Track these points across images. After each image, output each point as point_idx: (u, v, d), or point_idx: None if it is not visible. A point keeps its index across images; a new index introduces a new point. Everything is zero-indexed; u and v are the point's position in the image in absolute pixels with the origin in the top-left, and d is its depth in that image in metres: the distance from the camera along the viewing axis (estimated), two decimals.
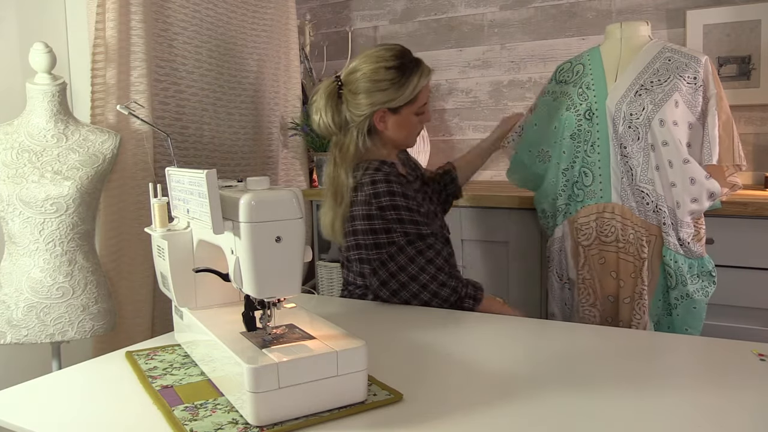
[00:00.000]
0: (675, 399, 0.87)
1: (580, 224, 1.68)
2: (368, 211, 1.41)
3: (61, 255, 1.57)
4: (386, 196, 1.41)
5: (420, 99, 1.52)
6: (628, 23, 1.73)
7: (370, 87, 1.47)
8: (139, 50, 1.94)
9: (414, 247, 1.40)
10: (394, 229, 1.40)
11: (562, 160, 1.71)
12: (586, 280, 1.68)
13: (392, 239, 1.40)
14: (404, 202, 1.41)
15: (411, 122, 1.53)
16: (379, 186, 1.42)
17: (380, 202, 1.40)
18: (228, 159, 2.40)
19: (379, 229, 1.40)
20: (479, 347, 1.11)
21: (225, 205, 0.88)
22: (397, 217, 1.40)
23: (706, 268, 1.63)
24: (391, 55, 1.50)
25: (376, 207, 1.40)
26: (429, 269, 1.40)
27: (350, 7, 3.11)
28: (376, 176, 1.43)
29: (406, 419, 0.83)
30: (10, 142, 1.56)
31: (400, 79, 1.48)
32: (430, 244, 1.42)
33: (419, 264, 1.39)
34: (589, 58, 1.75)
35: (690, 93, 1.61)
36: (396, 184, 1.43)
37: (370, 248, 1.42)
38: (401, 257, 1.39)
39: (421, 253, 1.40)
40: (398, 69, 1.48)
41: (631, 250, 1.63)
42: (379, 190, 1.41)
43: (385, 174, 1.44)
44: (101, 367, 1.05)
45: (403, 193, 1.42)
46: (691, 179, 1.58)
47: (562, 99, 1.74)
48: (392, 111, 1.50)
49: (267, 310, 0.92)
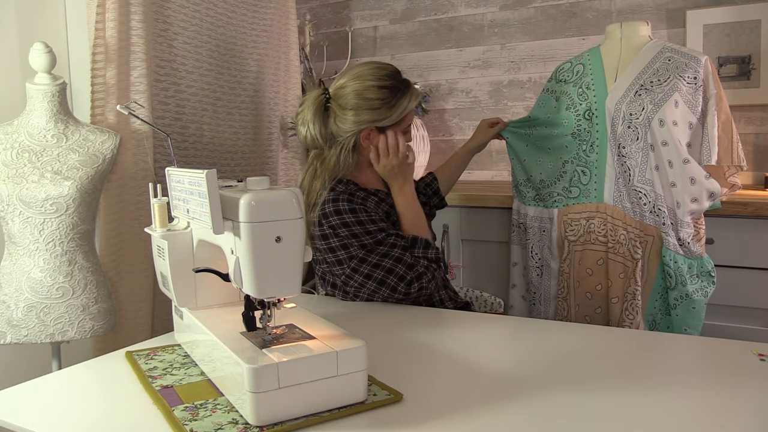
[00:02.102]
0: (675, 399, 0.87)
1: (569, 219, 1.69)
2: (322, 231, 1.44)
3: (61, 255, 1.57)
4: (333, 216, 1.42)
5: (406, 120, 1.53)
6: (628, 23, 1.73)
7: (360, 104, 1.47)
8: (139, 50, 1.94)
9: (375, 254, 1.41)
10: (351, 245, 1.41)
11: (564, 153, 1.72)
12: (564, 273, 1.69)
13: (351, 254, 1.41)
14: (352, 218, 1.42)
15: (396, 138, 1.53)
16: (326, 207, 1.43)
17: (330, 222, 1.42)
18: (228, 159, 2.40)
19: (336, 246, 1.42)
20: (479, 347, 1.11)
21: (225, 205, 0.88)
22: (349, 233, 1.41)
23: (706, 269, 1.63)
24: (384, 74, 1.50)
25: (328, 227, 1.43)
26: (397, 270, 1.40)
27: (350, 7, 3.11)
28: (328, 196, 1.45)
29: (406, 419, 0.83)
30: (10, 142, 1.56)
31: (390, 100, 1.49)
32: (392, 243, 1.43)
33: (385, 266, 1.40)
34: (589, 58, 1.75)
35: (690, 93, 1.61)
36: (344, 201, 1.43)
37: (333, 265, 1.44)
38: (364, 267, 1.40)
39: (385, 256, 1.41)
40: (390, 89, 1.49)
41: (621, 251, 1.63)
42: (326, 211, 1.43)
43: (336, 193, 1.45)
44: (101, 367, 1.05)
45: (350, 209, 1.42)
46: (691, 179, 1.59)
47: (562, 98, 1.75)
48: (379, 130, 1.51)
49: (267, 310, 0.92)
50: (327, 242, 1.43)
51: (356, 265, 1.41)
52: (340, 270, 1.43)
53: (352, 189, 1.48)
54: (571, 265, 1.69)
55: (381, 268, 1.40)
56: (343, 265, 1.42)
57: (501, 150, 2.81)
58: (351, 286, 1.43)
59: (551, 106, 1.78)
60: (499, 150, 2.81)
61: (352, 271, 1.41)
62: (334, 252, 1.43)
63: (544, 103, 1.81)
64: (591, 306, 1.69)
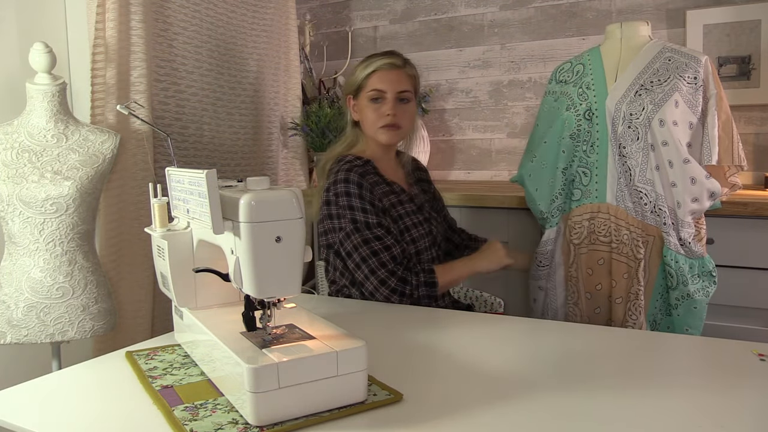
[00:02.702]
0: (675, 399, 0.87)
1: (573, 222, 1.69)
2: (327, 197, 1.53)
3: (61, 255, 1.57)
4: (341, 183, 1.51)
5: (370, 84, 1.61)
6: (628, 23, 1.73)
7: None
8: (139, 50, 1.94)
9: (360, 234, 1.47)
10: (343, 215, 1.49)
11: (561, 160, 1.71)
12: (572, 278, 1.68)
13: (341, 225, 1.49)
14: (357, 191, 1.49)
15: (364, 107, 1.62)
16: (339, 174, 1.52)
17: (336, 189, 1.51)
18: (228, 159, 2.40)
19: (333, 214, 1.51)
20: (479, 347, 1.11)
21: (225, 205, 0.88)
22: (347, 203, 1.49)
23: (707, 268, 1.63)
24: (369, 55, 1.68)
25: (333, 193, 1.51)
26: (370, 262, 1.45)
27: (350, 7, 3.11)
28: (341, 166, 1.54)
29: (406, 419, 0.83)
30: (10, 142, 1.56)
31: (359, 65, 1.66)
32: (378, 236, 1.47)
33: (362, 253, 1.46)
34: (589, 58, 1.75)
35: (690, 93, 1.61)
36: (355, 174, 1.51)
37: (330, 232, 1.53)
38: (347, 243, 1.48)
39: (366, 242, 1.46)
40: (361, 61, 1.67)
41: (625, 251, 1.62)
42: (337, 178, 1.52)
43: (349, 163, 1.54)
44: (101, 367, 1.05)
45: (358, 182, 1.50)
46: (691, 179, 1.59)
47: (562, 99, 1.74)
48: (354, 97, 1.66)
49: (267, 310, 0.92)
50: (328, 209, 1.52)
51: (343, 237, 1.48)
52: (334, 237, 1.52)
53: (369, 169, 1.56)
54: (578, 269, 1.68)
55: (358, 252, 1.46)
56: (336, 233, 1.50)
57: (501, 150, 2.81)
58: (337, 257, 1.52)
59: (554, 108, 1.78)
60: (499, 150, 2.81)
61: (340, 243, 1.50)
62: (330, 219, 1.51)
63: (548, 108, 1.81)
64: (590, 306, 1.69)
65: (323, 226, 1.55)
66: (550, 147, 1.74)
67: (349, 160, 1.56)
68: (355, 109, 1.66)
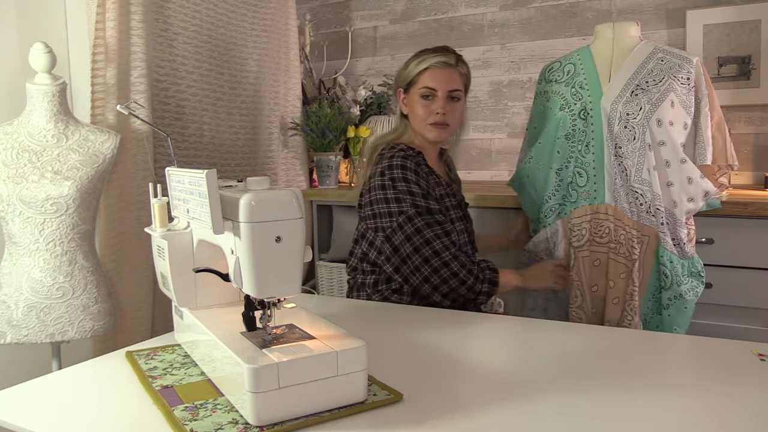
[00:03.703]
0: (675, 399, 0.87)
1: (573, 225, 1.68)
2: (382, 181, 1.52)
3: (61, 255, 1.57)
4: (398, 170, 1.52)
5: (422, 80, 1.62)
6: (619, 23, 1.74)
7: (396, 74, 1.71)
8: (139, 50, 1.94)
9: (422, 218, 1.48)
10: (404, 199, 1.50)
11: (555, 161, 1.70)
12: (574, 281, 1.68)
13: (402, 208, 1.49)
14: (414, 178, 1.52)
15: (415, 102, 1.63)
16: (394, 160, 1.54)
17: (392, 174, 1.52)
18: (228, 159, 2.40)
19: (391, 198, 1.51)
20: (479, 347, 1.11)
21: (225, 205, 0.88)
22: (407, 189, 1.50)
23: (696, 269, 1.65)
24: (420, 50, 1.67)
25: (389, 178, 1.52)
26: (435, 244, 1.47)
27: (350, 7, 3.11)
28: (396, 152, 1.56)
29: (406, 419, 0.83)
30: (10, 142, 1.56)
31: (412, 60, 1.65)
32: (439, 221, 1.51)
33: (424, 236, 1.47)
34: (580, 57, 1.74)
35: (684, 93, 1.62)
36: (411, 161, 1.54)
37: (384, 216, 1.51)
38: (408, 226, 1.48)
39: (428, 226, 1.48)
40: (414, 56, 1.66)
41: (622, 251, 1.63)
42: (393, 163, 1.53)
43: (405, 153, 1.56)
44: (101, 367, 1.05)
45: (415, 170, 1.53)
46: (688, 179, 1.59)
47: (554, 98, 1.74)
48: (405, 91, 1.67)
49: (267, 310, 0.92)
50: (384, 193, 1.52)
51: (404, 221, 1.48)
52: (388, 222, 1.50)
53: (420, 160, 1.58)
54: (579, 272, 1.68)
55: (421, 235, 1.47)
56: (393, 217, 1.50)
57: (501, 150, 2.81)
58: (395, 238, 1.49)
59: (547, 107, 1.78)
60: (499, 150, 2.81)
61: (398, 226, 1.49)
62: (388, 203, 1.51)
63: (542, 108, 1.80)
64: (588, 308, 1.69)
65: (375, 209, 1.53)
66: (544, 147, 1.73)
67: (402, 148, 1.58)
68: (404, 102, 1.67)
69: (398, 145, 1.60)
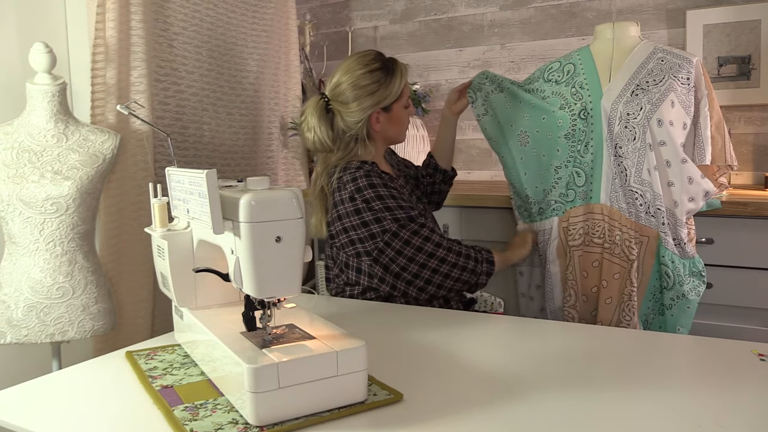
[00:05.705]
0: (675, 399, 0.87)
1: (569, 224, 1.69)
2: (355, 206, 1.48)
3: (61, 255, 1.57)
4: (368, 190, 1.48)
5: (405, 93, 1.61)
6: (620, 23, 1.74)
7: (359, 94, 1.54)
8: (139, 50, 1.94)
9: (407, 229, 1.47)
10: (384, 218, 1.47)
11: (555, 158, 1.71)
12: (569, 281, 1.68)
13: (384, 227, 1.47)
14: (386, 192, 1.49)
15: (402, 117, 1.62)
16: (359, 182, 1.49)
17: (364, 196, 1.47)
18: (228, 159, 2.41)
19: (370, 220, 1.47)
20: (479, 347, 1.11)
21: (225, 205, 0.88)
22: (383, 206, 1.47)
23: (697, 268, 1.65)
24: (370, 59, 1.58)
25: (361, 201, 1.47)
26: (426, 247, 1.47)
27: (350, 7, 3.11)
28: (357, 174, 1.50)
29: (406, 419, 0.83)
30: (10, 142, 1.56)
31: (384, 80, 1.56)
32: (422, 224, 1.50)
33: (414, 245, 1.47)
34: (580, 57, 1.74)
35: (684, 93, 1.62)
36: (375, 177, 1.50)
37: (365, 240, 1.48)
38: (396, 242, 1.47)
39: (415, 234, 1.47)
40: (381, 70, 1.56)
41: (617, 252, 1.63)
42: (360, 185, 1.48)
43: (365, 171, 1.51)
44: (101, 367, 1.05)
45: (383, 184, 1.50)
46: (689, 178, 1.59)
47: (553, 99, 1.74)
48: (385, 110, 1.58)
49: (267, 310, 0.92)
50: (360, 217, 1.48)
51: (389, 238, 1.47)
52: (372, 245, 1.47)
53: (378, 170, 1.54)
54: (573, 271, 1.68)
55: (411, 245, 1.47)
56: (377, 238, 1.47)
57: None
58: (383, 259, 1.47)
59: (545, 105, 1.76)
60: None
61: (385, 245, 1.47)
62: (367, 226, 1.47)
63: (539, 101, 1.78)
64: (587, 308, 1.69)
65: (352, 235, 1.49)
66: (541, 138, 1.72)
67: (357, 166, 1.52)
68: (379, 120, 1.57)
69: (351, 164, 1.53)
